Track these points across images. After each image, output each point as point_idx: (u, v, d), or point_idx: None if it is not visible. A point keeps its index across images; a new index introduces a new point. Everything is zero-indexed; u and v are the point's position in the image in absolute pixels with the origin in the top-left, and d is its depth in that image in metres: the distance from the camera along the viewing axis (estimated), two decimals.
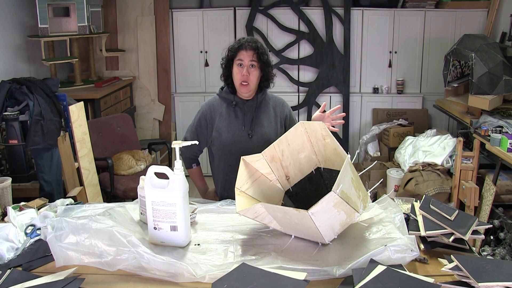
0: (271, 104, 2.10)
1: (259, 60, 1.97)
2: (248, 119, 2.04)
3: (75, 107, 2.87)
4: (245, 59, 1.96)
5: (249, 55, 1.96)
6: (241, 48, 1.97)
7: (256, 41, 2.00)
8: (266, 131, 2.03)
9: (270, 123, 2.06)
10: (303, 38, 4.64)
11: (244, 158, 1.70)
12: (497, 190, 3.05)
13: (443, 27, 4.56)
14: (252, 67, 1.97)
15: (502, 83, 3.40)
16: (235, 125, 2.04)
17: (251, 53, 1.96)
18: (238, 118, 2.04)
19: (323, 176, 1.74)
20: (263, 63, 1.98)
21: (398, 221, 1.52)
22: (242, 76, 1.96)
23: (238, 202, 1.56)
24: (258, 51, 1.97)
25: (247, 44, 1.96)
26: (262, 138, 2.01)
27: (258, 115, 2.05)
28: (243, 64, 1.96)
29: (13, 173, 2.78)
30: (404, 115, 4.58)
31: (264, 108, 2.07)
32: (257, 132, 2.03)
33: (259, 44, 1.99)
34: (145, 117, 4.80)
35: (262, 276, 1.25)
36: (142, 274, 1.36)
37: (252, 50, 1.96)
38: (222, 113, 2.05)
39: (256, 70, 1.98)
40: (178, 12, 4.69)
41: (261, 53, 1.97)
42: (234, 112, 2.05)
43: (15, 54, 3.58)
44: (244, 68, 1.96)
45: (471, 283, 1.20)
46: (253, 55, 1.96)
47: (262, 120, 2.05)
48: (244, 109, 2.05)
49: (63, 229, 1.43)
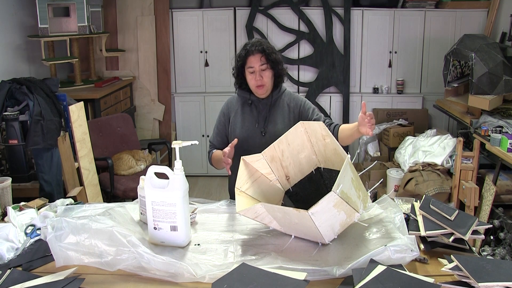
0: (286, 101, 2.13)
1: (268, 61, 2.00)
2: (262, 116, 2.09)
3: (75, 107, 2.87)
4: (255, 64, 1.99)
5: (258, 60, 1.99)
6: (248, 55, 2.00)
7: (261, 43, 2.02)
8: (279, 129, 2.05)
9: (283, 121, 2.09)
10: (303, 38, 4.64)
11: (244, 158, 1.71)
12: (497, 190, 3.04)
13: (443, 27, 4.56)
14: (264, 70, 2.01)
15: (502, 83, 3.40)
16: (249, 122, 2.09)
17: (259, 56, 1.99)
18: (253, 115, 2.09)
19: (323, 176, 1.75)
20: (273, 62, 2.02)
21: (398, 221, 1.53)
22: (256, 81, 2.01)
23: (238, 202, 1.56)
24: (266, 52, 2.00)
25: (253, 48, 2.00)
26: (275, 135, 1.98)
27: (272, 113, 2.09)
28: (255, 70, 2.00)
29: (13, 173, 2.78)
30: (404, 115, 4.57)
31: (279, 105, 2.11)
32: (270, 130, 2.07)
33: (265, 45, 2.02)
34: (145, 117, 4.80)
35: (262, 276, 1.25)
36: (142, 274, 1.36)
37: (259, 53, 1.99)
38: (237, 110, 2.11)
39: (268, 70, 2.02)
40: (178, 12, 4.69)
41: (269, 54, 2.00)
42: (249, 109, 2.10)
43: (15, 54, 3.58)
44: (256, 73, 2.00)
45: (471, 283, 1.20)
46: (262, 57, 1.99)
47: (276, 117, 2.09)
48: (259, 107, 2.10)
49: (63, 229, 1.43)
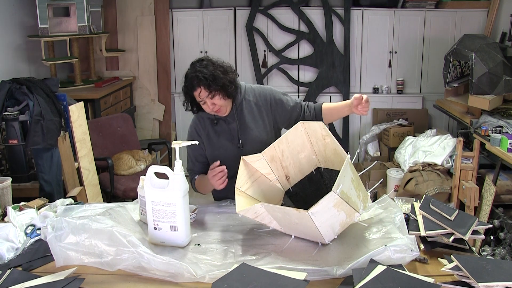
0: (252, 101, 1.98)
1: (213, 88, 1.79)
2: (233, 130, 1.94)
3: (75, 107, 2.87)
4: (202, 96, 1.81)
5: (203, 92, 1.80)
6: (192, 90, 1.82)
7: (198, 73, 1.79)
8: (255, 134, 1.94)
9: (256, 123, 1.96)
10: (303, 38, 4.64)
11: (244, 158, 1.71)
12: (497, 190, 3.04)
13: (443, 27, 4.56)
14: (214, 97, 1.81)
15: (502, 83, 3.40)
16: (224, 143, 1.94)
17: (200, 89, 1.80)
18: (225, 132, 1.95)
19: (323, 176, 1.75)
20: (219, 86, 1.81)
21: (398, 221, 1.53)
22: (212, 109, 1.85)
23: (238, 202, 1.56)
24: (204, 84, 1.79)
25: (194, 82, 1.80)
26: (254, 142, 1.93)
27: (242, 121, 1.95)
28: (205, 101, 1.83)
29: (13, 173, 2.78)
30: (404, 115, 4.57)
31: (247, 110, 1.96)
32: (246, 139, 1.94)
33: (203, 73, 1.79)
34: (145, 117, 4.80)
35: (262, 276, 1.25)
36: (142, 274, 1.36)
37: (199, 87, 1.79)
38: (208, 133, 1.95)
39: (219, 94, 1.82)
40: (178, 12, 4.69)
41: (210, 83, 1.79)
42: (219, 128, 1.95)
43: (15, 54, 3.58)
44: (207, 103, 1.83)
45: (471, 283, 1.20)
46: (204, 89, 1.79)
47: (247, 124, 1.95)
48: (227, 120, 1.93)
49: (63, 229, 1.43)
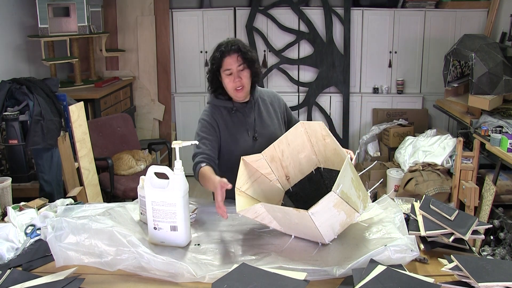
0: (267, 100, 2.04)
1: (245, 60, 1.86)
2: (250, 122, 1.97)
3: (75, 107, 2.87)
4: (232, 66, 1.85)
5: (234, 60, 1.85)
6: (224, 56, 1.85)
7: (235, 42, 1.88)
8: (271, 130, 1.98)
9: (272, 121, 2.01)
10: (303, 38, 4.64)
11: (244, 158, 1.70)
12: (497, 190, 3.04)
13: (443, 27, 4.56)
14: (242, 70, 1.87)
15: (502, 83, 3.40)
16: (240, 133, 1.95)
17: (235, 56, 1.85)
18: (241, 123, 1.96)
19: (323, 176, 1.75)
20: (250, 61, 1.88)
21: (398, 221, 1.53)
22: (235, 83, 1.86)
23: (238, 202, 1.56)
24: (242, 51, 1.86)
25: (229, 48, 1.85)
26: (269, 137, 1.93)
27: (260, 114, 1.99)
28: (232, 71, 1.86)
29: (13, 173, 2.78)
30: (404, 115, 4.57)
31: (263, 106, 2.02)
32: (261, 133, 1.97)
33: (240, 43, 1.88)
34: (145, 117, 4.80)
35: (262, 276, 1.25)
36: (142, 274, 1.36)
37: (236, 53, 1.85)
38: (226, 122, 1.95)
39: (246, 70, 1.88)
40: (178, 12, 4.69)
41: (245, 53, 1.86)
42: (236, 117, 1.97)
43: (15, 54, 3.58)
44: (234, 75, 1.86)
45: (471, 283, 1.20)
46: (238, 57, 1.85)
47: (264, 119, 1.99)
48: (245, 112, 1.96)
49: (63, 229, 1.43)
